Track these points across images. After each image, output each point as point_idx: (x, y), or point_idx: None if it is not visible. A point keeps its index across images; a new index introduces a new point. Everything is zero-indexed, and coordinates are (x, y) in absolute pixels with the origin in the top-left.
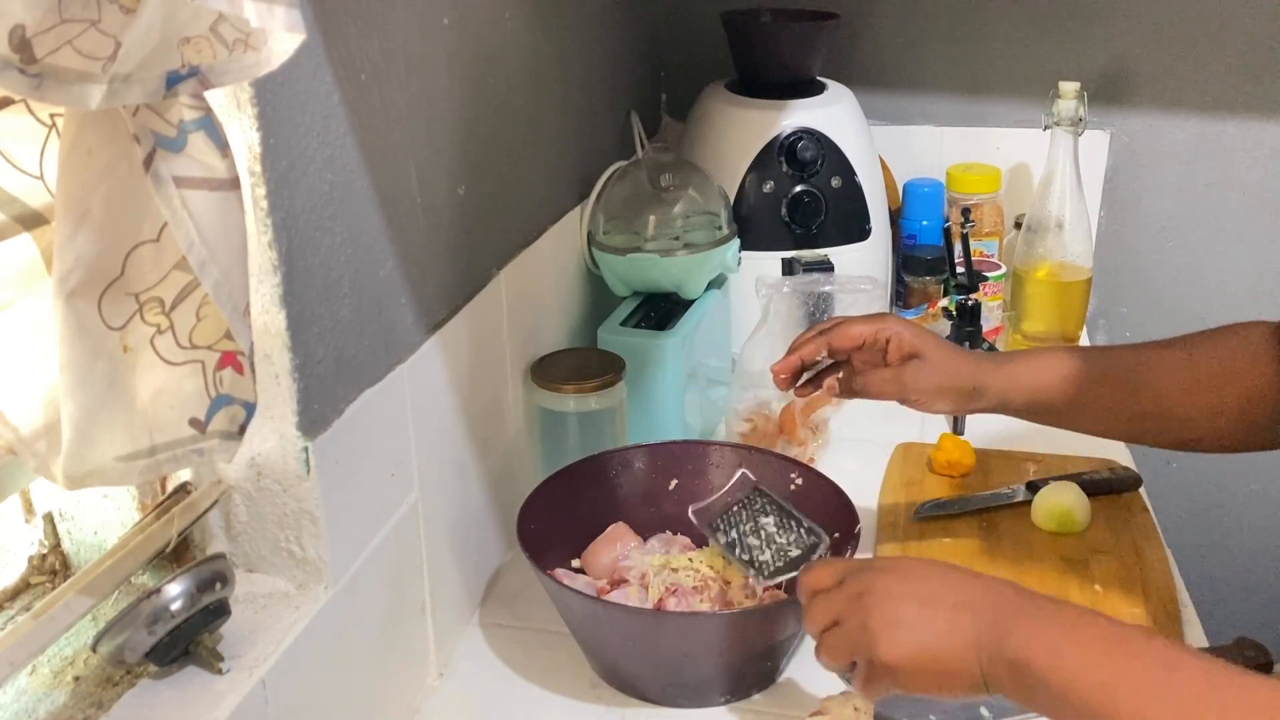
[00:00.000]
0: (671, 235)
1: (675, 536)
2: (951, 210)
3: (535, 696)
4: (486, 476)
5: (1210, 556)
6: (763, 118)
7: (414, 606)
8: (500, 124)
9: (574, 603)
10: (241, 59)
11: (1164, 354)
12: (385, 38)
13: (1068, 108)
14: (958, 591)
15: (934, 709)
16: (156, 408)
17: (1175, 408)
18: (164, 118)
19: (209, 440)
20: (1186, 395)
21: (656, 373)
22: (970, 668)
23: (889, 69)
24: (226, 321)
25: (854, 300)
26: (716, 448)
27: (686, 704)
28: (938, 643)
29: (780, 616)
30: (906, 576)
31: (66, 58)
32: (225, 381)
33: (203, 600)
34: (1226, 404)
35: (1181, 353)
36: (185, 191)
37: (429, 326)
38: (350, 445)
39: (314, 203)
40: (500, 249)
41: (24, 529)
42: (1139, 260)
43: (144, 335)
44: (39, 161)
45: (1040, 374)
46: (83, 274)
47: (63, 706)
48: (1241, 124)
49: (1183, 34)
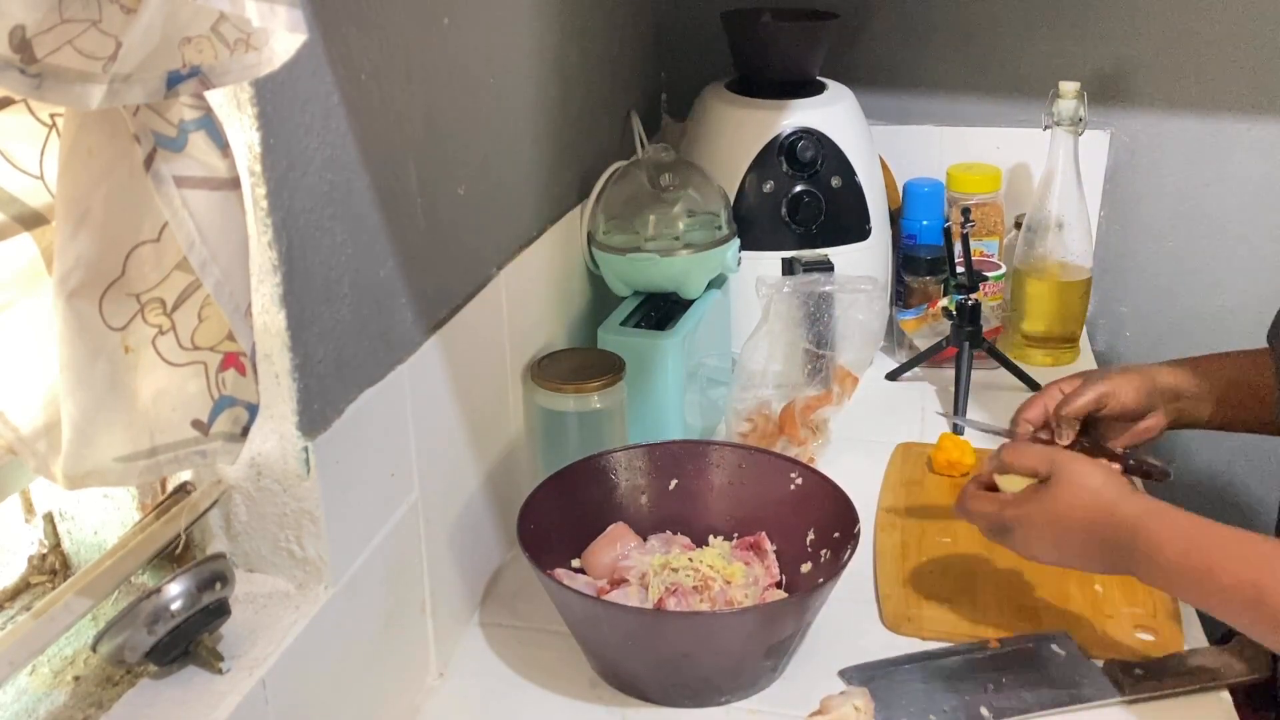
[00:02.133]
0: (671, 235)
1: (675, 536)
2: (951, 210)
3: (535, 696)
4: (486, 476)
5: None
6: (763, 118)
7: (414, 606)
8: (500, 124)
9: (574, 602)
10: (243, 59)
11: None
12: (385, 37)
13: (1068, 108)
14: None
15: (934, 709)
16: (158, 409)
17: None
18: (164, 117)
19: (212, 442)
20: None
21: (656, 373)
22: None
23: (889, 69)
24: (228, 321)
25: (854, 300)
26: (716, 448)
27: (686, 704)
28: (1070, 563)
29: (780, 616)
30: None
31: (67, 58)
32: (228, 383)
33: (203, 600)
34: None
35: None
36: (186, 191)
37: (429, 326)
38: (350, 445)
39: (314, 203)
40: (500, 249)
41: (24, 529)
42: (1139, 260)
43: (145, 336)
44: (39, 161)
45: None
46: (83, 274)
47: (63, 706)
48: (1241, 124)
49: (1183, 34)
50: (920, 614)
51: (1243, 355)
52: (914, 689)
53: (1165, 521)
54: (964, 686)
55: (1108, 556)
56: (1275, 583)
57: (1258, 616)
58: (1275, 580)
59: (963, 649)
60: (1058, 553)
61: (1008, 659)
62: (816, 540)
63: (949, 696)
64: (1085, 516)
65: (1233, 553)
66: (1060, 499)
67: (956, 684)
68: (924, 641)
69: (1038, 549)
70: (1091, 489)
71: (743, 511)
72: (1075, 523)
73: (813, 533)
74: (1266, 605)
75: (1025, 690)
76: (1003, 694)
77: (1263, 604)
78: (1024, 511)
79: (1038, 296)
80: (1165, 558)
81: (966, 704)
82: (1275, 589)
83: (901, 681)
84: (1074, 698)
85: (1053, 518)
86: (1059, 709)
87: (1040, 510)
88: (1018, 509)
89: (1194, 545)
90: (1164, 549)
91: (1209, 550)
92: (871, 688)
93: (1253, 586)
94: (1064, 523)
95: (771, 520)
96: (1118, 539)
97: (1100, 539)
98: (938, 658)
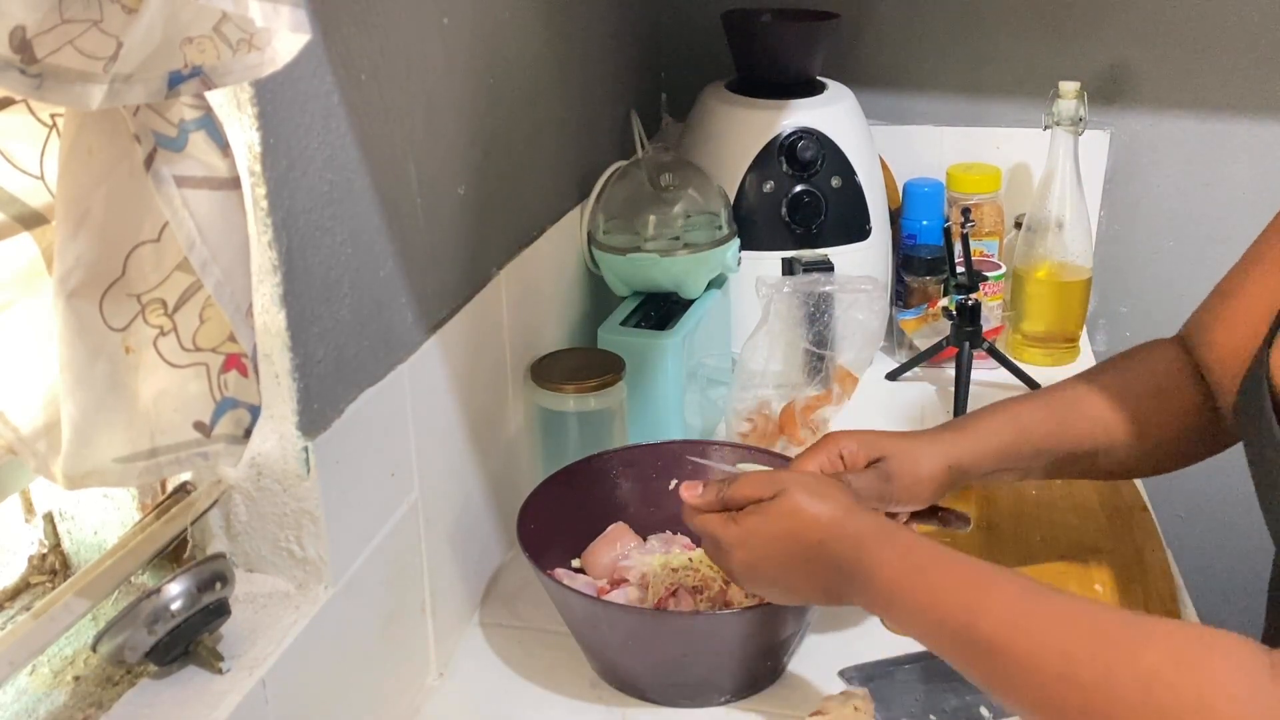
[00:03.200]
0: (671, 235)
1: (675, 536)
2: (951, 210)
3: (535, 696)
4: (486, 476)
5: (1210, 556)
6: (763, 118)
7: (414, 606)
8: (500, 124)
9: (574, 603)
10: (245, 59)
11: (1098, 383)
12: (385, 37)
13: (1068, 108)
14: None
15: (934, 709)
16: (159, 410)
17: (1119, 435)
18: (164, 117)
19: (215, 444)
20: (1128, 421)
21: (656, 373)
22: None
23: (889, 69)
24: (229, 322)
25: (854, 300)
26: (716, 448)
27: (686, 704)
28: (792, 587)
29: (780, 616)
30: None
31: (67, 58)
32: (230, 384)
33: (203, 600)
34: (1165, 425)
35: (1116, 378)
36: (186, 191)
37: (429, 326)
38: (350, 445)
39: (314, 203)
40: (500, 249)
41: (24, 529)
42: (1139, 260)
43: (146, 337)
44: (39, 161)
45: (984, 443)
46: (83, 274)
47: (63, 706)
48: (1241, 124)
49: (1183, 34)
50: None
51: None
52: (914, 689)
53: (891, 540)
54: (964, 686)
55: (830, 578)
56: (990, 605)
57: (968, 642)
58: (991, 602)
59: None
60: (779, 573)
61: None
62: None
63: (949, 696)
64: (809, 536)
65: (951, 575)
66: (784, 515)
67: (956, 684)
68: None
69: (761, 572)
70: (817, 506)
71: None
72: (798, 542)
73: None
74: (979, 631)
75: None
76: None
77: (975, 629)
78: (744, 529)
79: (1038, 296)
80: (884, 578)
81: (966, 704)
82: (988, 614)
83: (901, 681)
84: None
85: (776, 534)
86: None
87: (763, 526)
88: (739, 525)
89: (914, 565)
90: (884, 568)
91: (927, 569)
92: (871, 688)
93: (966, 611)
94: (787, 540)
95: None
96: (841, 556)
97: (824, 558)
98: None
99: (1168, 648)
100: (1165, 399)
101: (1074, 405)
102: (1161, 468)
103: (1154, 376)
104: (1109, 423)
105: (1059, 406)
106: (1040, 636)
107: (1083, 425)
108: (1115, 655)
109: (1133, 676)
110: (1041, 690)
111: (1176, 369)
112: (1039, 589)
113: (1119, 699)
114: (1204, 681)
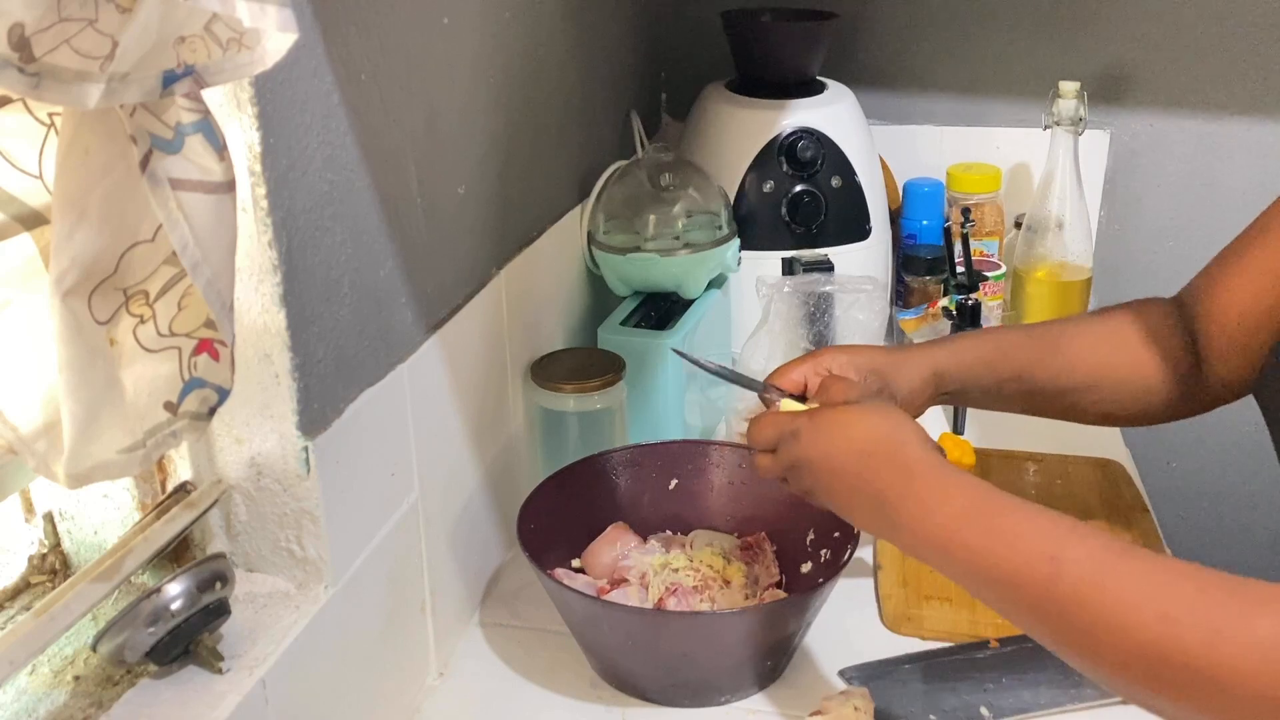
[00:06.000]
0: (671, 235)
1: (675, 536)
2: (951, 210)
3: (535, 696)
4: (486, 476)
5: (1210, 556)
6: (763, 117)
7: (414, 606)
8: (500, 123)
9: (574, 602)
10: (236, 58)
11: (1086, 322)
12: (385, 37)
13: (1068, 108)
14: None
15: (934, 709)
16: (138, 395)
17: (1103, 374)
18: (161, 119)
19: (179, 421)
20: (1114, 362)
21: (656, 373)
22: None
23: (889, 69)
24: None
25: (854, 300)
26: (716, 448)
27: (686, 704)
28: (837, 497)
29: (780, 616)
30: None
31: (64, 57)
32: (200, 366)
33: (203, 600)
34: (1151, 374)
35: (1106, 321)
36: (181, 194)
37: (429, 326)
38: (350, 445)
39: (314, 202)
40: (500, 249)
41: (24, 529)
42: (1139, 260)
43: (127, 326)
44: (38, 161)
45: (964, 353)
46: (79, 273)
47: (63, 706)
48: (1241, 124)
49: (1183, 34)
50: (920, 614)
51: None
52: (914, 689)
53: (954, 478)
54: (964, 686)
55: (874, 502)
56: (1075, 557)
57: (1048, 596)
58: (1076, 554)
59: (963, 649)
60: (829, 480)
61: (1008, 659)
62: (816, 540)
63: (949, 696)
64: (870, 445)
65: (1028, 521)
66: (857, 419)
67: (956, 684)
68: (924, 641)
69: (820, 469)
70: (892, 420)
71: (743, 511)
72: (860, 443)
73: (813, 533)
74: (1063, 583)
75: (1025, 690)
76: (1002, 694)
77: (1059, 581)
78: (820, 419)
79: (1038, 296)
80: (944, 515)
81: (966, 704)
82: (1074, 564)
83: (901, 681)
84: (1074, 697)
85: (842, 433)
86: (1059, 709)
87: (835, 422)
88: (812, 417)
89: (983, 508)
90: (947, 504)
91: (999, 514)
92: (871, 688)
93: (1049, 561)
94: (850, 443)
95: (771, 520)
96: (890, 482)
97: (874, 474)
98: (938, 658)
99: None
100: (1154, 347)
101: (1059, 338)
102: (1141, 418)
103: (1146, 325)
104: (1094, 362)
105: (1044, 336)
106: (1134, 595)
107: (1066, 358)
108: (1224, 618)
109: (1249, 642)
110: (1132, 653)
111: (1170, 324)
112: (1126, 544)
113: (1229, 666)
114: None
